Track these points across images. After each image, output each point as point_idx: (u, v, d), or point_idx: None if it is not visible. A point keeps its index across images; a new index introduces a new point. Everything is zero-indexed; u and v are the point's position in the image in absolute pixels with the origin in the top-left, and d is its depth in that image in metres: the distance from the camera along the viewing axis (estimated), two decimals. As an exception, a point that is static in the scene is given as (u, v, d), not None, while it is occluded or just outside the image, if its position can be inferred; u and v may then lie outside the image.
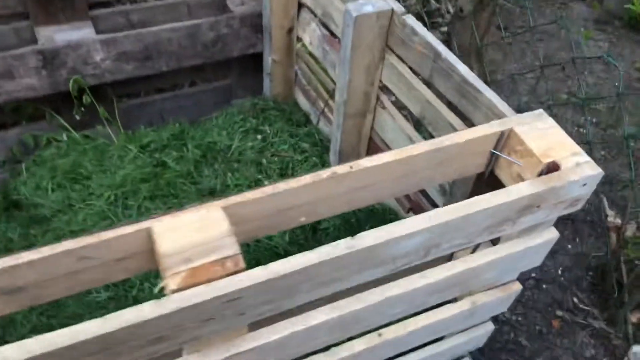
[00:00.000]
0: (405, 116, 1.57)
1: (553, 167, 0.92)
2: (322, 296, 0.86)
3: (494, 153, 1.00)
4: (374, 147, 1.75)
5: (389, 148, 1.65)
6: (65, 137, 1.87)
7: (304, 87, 2.07)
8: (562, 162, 0.92)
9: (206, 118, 2.07)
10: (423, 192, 1.60)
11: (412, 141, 1.50)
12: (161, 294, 0.72)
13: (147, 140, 1.90)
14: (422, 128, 1.57)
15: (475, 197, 0.86)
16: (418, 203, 1.63)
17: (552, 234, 1.07)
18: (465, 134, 0.94)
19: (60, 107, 1.88)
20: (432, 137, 1.43)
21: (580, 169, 0.91)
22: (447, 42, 2.20)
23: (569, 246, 2.37)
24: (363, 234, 0.79)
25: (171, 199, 1.75)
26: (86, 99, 1.79)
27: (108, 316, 0.69)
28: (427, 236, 0.84)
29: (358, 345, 1.14)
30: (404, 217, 1.76)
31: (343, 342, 1.11)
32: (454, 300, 1.18)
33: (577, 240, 2.40)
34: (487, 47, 3.24)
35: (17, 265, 0.73)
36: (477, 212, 0.84)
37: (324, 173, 0.87)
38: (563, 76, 3.42)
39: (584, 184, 0.92)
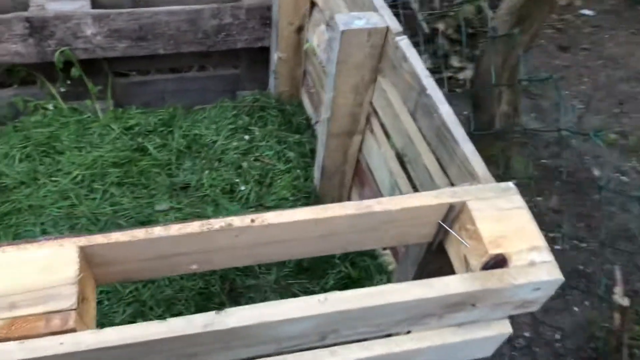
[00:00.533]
0: (393, 146, 1.39)
1: (500, 262, 0.74)
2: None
3: (442, 226, 0.83)
4: (359, 171, 1.58)
5: (372, 175, 1.49)
6: (52, 107, 1.82)
7: (310, 89, 1.92)
8: (513, 257, 0.74)
9: (200, 107, 1.96)
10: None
11: (392, 175, 1.34)
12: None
13: (133, 122, 1.82)
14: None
15: (387, 286, 0.70)
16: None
17: (503, 329, 0.89)
18: (403, 201, 0.78)
19: (55, 75, 1.82)
20: (410, 177, 1.26)
21: (534, 271, 0.73)
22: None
23: (576, 309, 2.11)
24: (230, 311, 0.65)
25: (140, 188, 1.66)
26: (74, 71, 1.72)
27: None
28: (317, 322, 0.69)
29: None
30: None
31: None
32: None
33: (587, 303, 2.14)
34: (537, 68, 2.96)
35: None
36: (384, 305, 0.69)
37: (217, 223, 0.73)
38: (619, 111, 3.09)
39: (537, 289, 0.74)
